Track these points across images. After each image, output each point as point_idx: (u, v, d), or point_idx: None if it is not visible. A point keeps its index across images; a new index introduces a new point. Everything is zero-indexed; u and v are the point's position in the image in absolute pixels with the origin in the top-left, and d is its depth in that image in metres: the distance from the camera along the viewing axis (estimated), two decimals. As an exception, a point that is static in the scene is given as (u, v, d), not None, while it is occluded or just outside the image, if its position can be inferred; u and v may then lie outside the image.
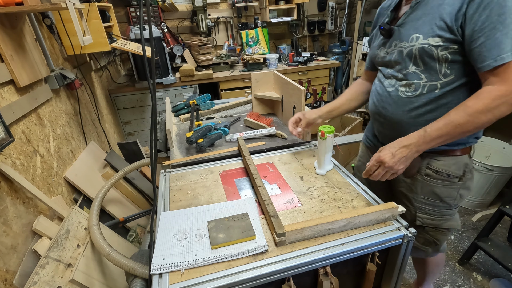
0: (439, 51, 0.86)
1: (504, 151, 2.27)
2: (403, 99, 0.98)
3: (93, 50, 1.83)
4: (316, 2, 3.57)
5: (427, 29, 0.87)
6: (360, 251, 0.79)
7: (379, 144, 1.14)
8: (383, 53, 1.04)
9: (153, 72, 0.70)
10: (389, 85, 1.02)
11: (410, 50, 0.92)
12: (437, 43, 0.85)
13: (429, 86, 0.92)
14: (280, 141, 1.38)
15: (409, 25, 0.93)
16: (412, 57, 0.92)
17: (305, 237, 0.80)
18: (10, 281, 0.98)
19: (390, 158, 0.87)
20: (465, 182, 1.04)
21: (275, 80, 1.62)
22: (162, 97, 2.75)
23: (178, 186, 1.09)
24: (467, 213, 2.29)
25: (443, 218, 1.08)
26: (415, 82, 0.94)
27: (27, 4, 1.08)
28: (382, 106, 1.05)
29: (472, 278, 1.77)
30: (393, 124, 1.03)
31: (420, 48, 0.88)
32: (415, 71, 0.93)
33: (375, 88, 1.11)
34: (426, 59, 0.89)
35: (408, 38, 0.92)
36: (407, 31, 0.93)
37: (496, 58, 0.77)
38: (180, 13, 3.19)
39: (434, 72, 0.90)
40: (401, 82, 0.98)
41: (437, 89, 0.91)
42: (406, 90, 0.96)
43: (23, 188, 1.10)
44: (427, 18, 0.87)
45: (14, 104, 1.16)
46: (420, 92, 0.93)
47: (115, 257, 1.07)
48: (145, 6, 0.67)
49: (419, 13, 0.90)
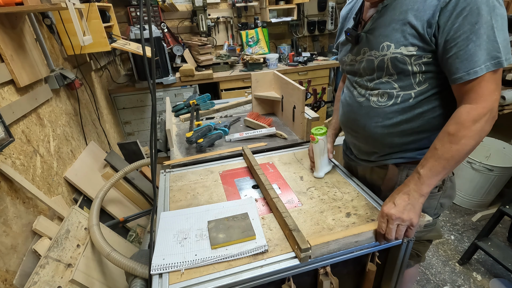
0: (413, 60, 0.80)
1: (504, 151, 2.27)
2: (375, 110, 0.90)
3: (93, 50, 1.83)
4: (316, 2, 3.57)
5: (398, 37, 0.80)
6: (360, 251, 0.79)
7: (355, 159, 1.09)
8: (350, 60, 0.97)
9: (153, 72, 0.70)
10: (359, 94, 0.95)
11: (381, 60, 0.85)
12: (410, 52, 0.79)
13: (403, 95, 0.85)
14: (280, 141, 1.38)
15: (377, 31, 0.85)
16: (384, 67, 0.85)
17: (330, 251, 0.76)
18: (10, 281, 0.98)
19: (393, 208, 0.79)
20: (445, 191, 0.98)
21: (275, 80, 1.62)
22: (162, 97, 2.75)
23: (178, 186, 1.09)
24: (467, 213, 2.29)
25: (425, 229, 1.03)
26: (388, 92, 0.87)
27: (27, 4, 1.08)
28: (353, 118, 0.98)
29: (472, 278, 1.77)
30: (367, 137, 0.96)
31: (393, 57, 0.82)
32: (388, 80, 0.87)
33: (344, 97, 1.04)
34: (399, 68, 0.83)
35: (378, 47, 0.84)
36: (377, 39, 0.85)
37: (469, 71, 0.72)
38: (180, 13, 3.19)
39: (408, 81, 0.84)
40: (372, 91, 0.91)
41: (411, 99, 0.85)
42: (379, 99, 0.89)
43: (23, 188, 1.10)
44: (396, 25, 0.80)
45: (14, 104, 1.16)
46: (394, 102, 0.87)
47: (115, 257, 1.07)
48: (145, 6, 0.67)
49: (387, 18, 0.83)
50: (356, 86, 0.98)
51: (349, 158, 1.15)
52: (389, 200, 0.83)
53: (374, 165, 1.02)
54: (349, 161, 1.15)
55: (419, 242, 1.09)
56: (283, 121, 1.59)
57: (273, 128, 1.42)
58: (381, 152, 0.97)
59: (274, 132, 1.41)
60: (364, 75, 0.93)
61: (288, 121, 1.50)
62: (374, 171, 1.05)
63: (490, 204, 2.33)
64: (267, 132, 1.41)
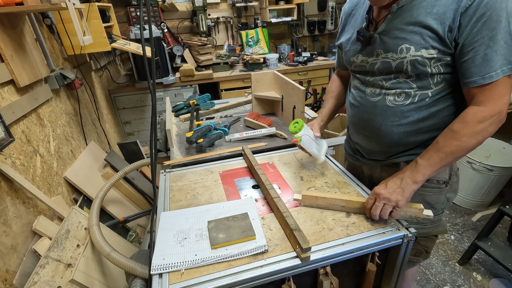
0: (432, 63, 0.81)
1: (504, 151, 2.27)
2: (391, 109, 0.91)
3: (93, 50, 1.83)
4: (316, 2, 3.57)
5: (418, 40, 0.80)
6: (360, 251, 0.79)
7: (362, 159, 1.09)
8: (360, 61, 0.96)
9: (153, 72, 0.70)
10: (373, 94, 0.94)
11: (400, 62, 0.85)
12: (431, 55, 0.80)
13: (420, 94, 0.87)
14: (280, 141, 1.38)
15: (393, 33, 0.84)
16: (404, 69, 0.85)
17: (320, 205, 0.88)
18: (10, 281, 0.98)
19: (383, 189, 0.84)
20: (452, 185, 1.00)
21: (275, 80, 1.62)
22: (162, 97, 2.75)
23: (178, 186, 1.09)
24: (467, 213, 2.29)
25: (433, 225, 1.06)
26: (405, 91, 0.88)
27: (27, 4, 1.08)
28: (366, 118, 0.97)
29: (472, 278, 1.77)
30: (382, 137, 0.96)
31: (413, 60, 0.82)
32: (406, 80, 0.87)
33: (354, 98, 1.02)
34: (419, 70, 0.83)
35: (396, 49, 0.84)
36: (394, 41, 0.84)
37: (484, 76, 0.74)
38: (180, 13, 3.19)
39: (426, 81, 0.85)
40: (389, 91, 0.90)
41: (428, 98, 0.86)
42: (395, 99, 0.90)
43: (23, 188, 1.10)
44: (415, 27, 0.80)
45: (14, 104, 1.16)
46: (411, 101, 0.88)
47: (115, 257, 1.07)
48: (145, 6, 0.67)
49: (403, 20, 0.82)
50: (368, 85, 0.96)
51: (354, 158, 1.15)
52: (383, 182, 0.88)
53: (384, 164, 1.04)
54: (354, 161, 1.16)
55: (427, 238, 1.10)
56: (283, 121, 1.59)
57: (273, 128, 1.42)
58: (393, 152, 0.98)
59: (274, 132, 1.41)
60: (379, 75, 0.93)
61: (288, 121, 1.50)
62: (383, 169, 1.07)
63: (490, 204, 2.33)
64: (267, 132, 1.41)
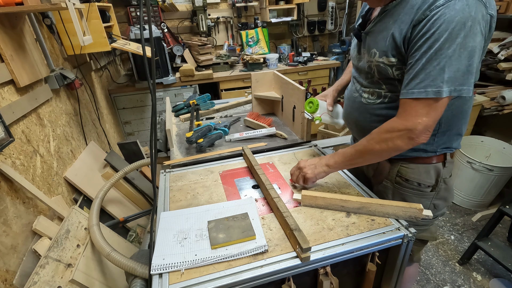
0: (394, 70, 0.84)
1: (504, 151, 2.27)
2: (365, 106, 0.98)
3: (93, 50, 1.83)
4: (316, 2, 3.57)
5: (382, 46, 0.84)
6: (360, 251, 0.79)
7: None
8: (354, 56, 1.02)
9: (153, 72, 0.70)
10: (355, 90, 1.03)
11: (369, 65, 0.91)
12: (391, 62, 0.83)
13: (390, 96, 0.91)
14: (280, 141, 1.38)
15: (372, 36, 0.88)
16: (371, 72, 0.91)
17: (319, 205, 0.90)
18: (10, 281, 0.98)
19: (304, 162, 0.99)
20: (439, 192, 0.98)
21: (275, 80, 1.62)
22: (162, 97, 2.75)
23: (178, 186, 1.09)
24: (467, 213, 2.29)
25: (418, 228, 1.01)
26: (377, 91, 0.93)
27: (27, 4, 1.08)
28: (350, 111, 1.07)
29: (472, 278, 1.77)
30: (359, 131, 1.05)
31: (377, 65, 0.87)
32: (378, 80, 0.92)
33: (347, 92, 1.12)
34: (382, 75, 0.88)
35: (370, 51, 0.88)
36: (370, 43, 0.89)
37: (408, 90, 0.77)
38: (180, 13, 3.19)
39: (394, 85, 0.88)
40: (365, 89, 0.98)
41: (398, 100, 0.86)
42: (369, 97, 0.96)
43: (23, 188, 1.10)
44: (383, 34, 0.83)
45: (14, 104, 1.16)
46: (382, 100, 0.93)
47: (115, 257, 1.07)
48: (145, 6, 0.67)
49: (383, 25, 0.84)
50: (355, 81, 1.05)
51: None
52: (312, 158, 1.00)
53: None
54: None
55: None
56: (283, 121, 1.59)
57: (273, 128, 1.42)
58: None
59: (274, 132, 1.41)
60: (361, 72, 1.00)
61: (288, 121, 1.50)
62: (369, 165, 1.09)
63: (490, 204, 2.33)
64: (267, 132, 1.41)
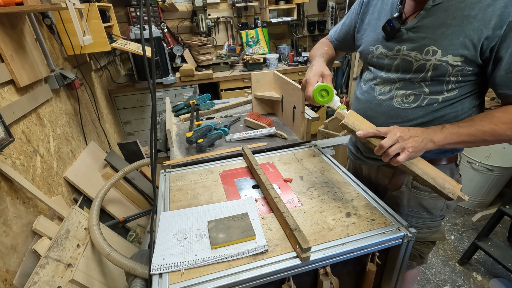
0: (454, 71, 0.78)
1: (504, 151, 2.27)
2: (396, 110, 0.89)
3: (93, 50, 1.83)
4: (316, 2, 3.57)
5: (447, 44, 0.76)
6: (360, 251, 0.79)
7: (364, 158, 1.08)
8: (380, 53, 0.91)
9: (153, 72, 0.70)
10: (381, 92, 0.92)
11: (422, 64, 0.81)
12: (456, 62, 0.76)
13: (429, 99, 0.84)
14: (280, 141, 1.38)
15: (423, 32, 0.80)
16: (424, 72, 0.82)
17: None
18: (10, 281, 0.98)
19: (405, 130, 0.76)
20: None
21: (275, 80, 1.62)
22: (162, 97, 2.75)
23: (178, 186, 1.09)
24: (467, 213, 2.29)
25: (429, 230, 1.04)
26: (415, 94, 0.85)
27: (27, 4, 1.08)
28: (370, 115, 0.95)
29: (472, 278, 1.77)
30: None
31: (436, 65, 0.78)
32: (420, 82, 0.84)
33: (361, 92, 1.00)
34: (438, 76, 0.80)
35: (422, 49, 0.80)
36: (422, 41, 0.80)
37: None
38: (180, 13, 3.19)
39: (440, 87, 0.82)
40: (398, 91, 0.88)
41: (437, 103, 0.84)
42: (403, 100, 0.87)
43: (23, 188, 1.10)
44: (448, 30, 0.75)
45: (14, 104, 1.16)
46: (418, 104, 0.85)
47: (115, 257, 1.07)
48: (145, 6, 0.67)
49: (437, 20, 0.77)
50: (379, 82, 0.93)
51: (355, 156, 1.14)
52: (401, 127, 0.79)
53: (382, 164, 1.02)
54: (355, 160, 1.15)
55: (422, 243, 1.08)
56: (283, 121, 1.59)
57: (273, 128, 1.42)
58: None
59: (274, 132, 1.41)
60: (394, 72, 0.89)
61: (288, 121, 1.50)
62: (380, 169, 1.05)
63: (490, 204, 2.33)
64: (267, 132, 1.41)
